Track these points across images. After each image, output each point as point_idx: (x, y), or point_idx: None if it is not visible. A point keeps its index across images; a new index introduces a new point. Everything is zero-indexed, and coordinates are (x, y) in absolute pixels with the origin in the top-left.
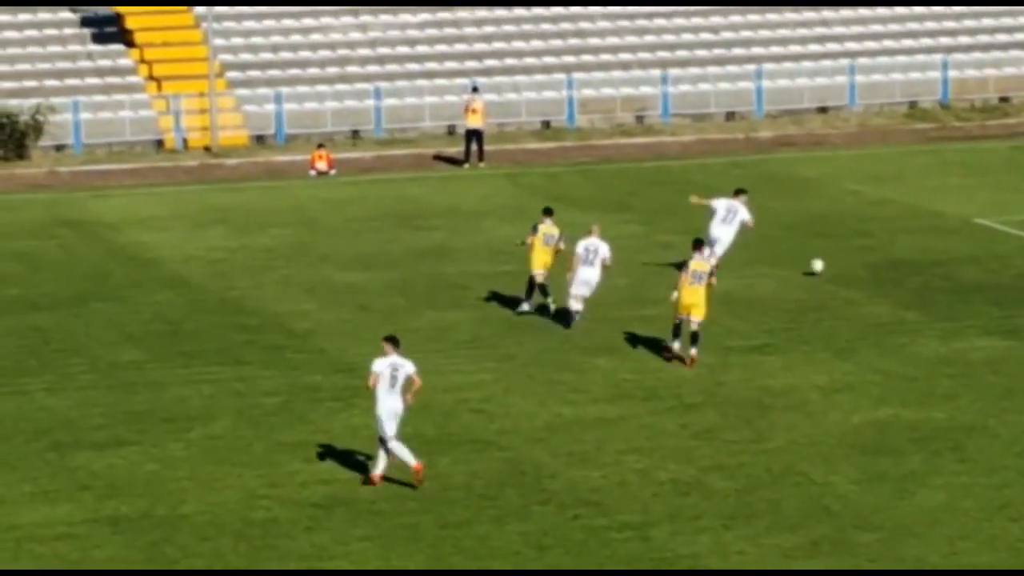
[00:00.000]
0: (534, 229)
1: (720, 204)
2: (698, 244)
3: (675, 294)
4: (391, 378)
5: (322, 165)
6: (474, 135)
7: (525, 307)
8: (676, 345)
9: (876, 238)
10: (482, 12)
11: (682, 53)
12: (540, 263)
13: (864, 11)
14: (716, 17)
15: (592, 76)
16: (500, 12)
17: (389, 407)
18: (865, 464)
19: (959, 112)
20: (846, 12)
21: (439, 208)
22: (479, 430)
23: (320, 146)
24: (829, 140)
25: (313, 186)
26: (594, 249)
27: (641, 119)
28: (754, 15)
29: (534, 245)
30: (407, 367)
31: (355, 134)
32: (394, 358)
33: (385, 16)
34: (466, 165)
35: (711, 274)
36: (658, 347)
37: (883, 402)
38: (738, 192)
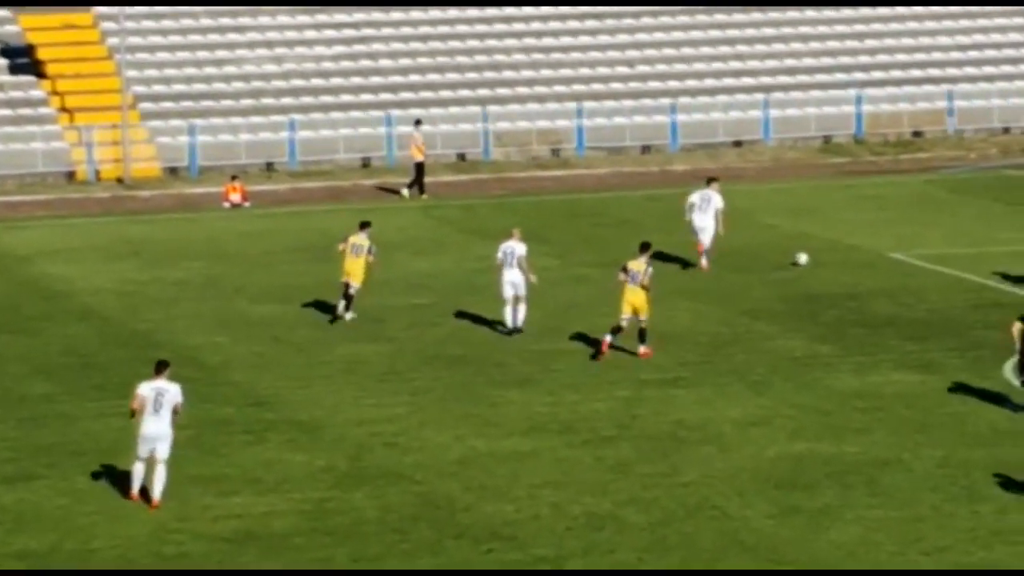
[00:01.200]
0: (345, 239)
1: (695, 196)
2: (643, 247)
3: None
4: (155, 402)
5: (236, 197)
6: (419, 168)
7: (346, 315)
8: (609, 338)
9: (791, 272)
10: (397, 45)
11: (597, 86)
12: (349, 272)
13: (779, 46)
14: (632, 51)
15: (508, 109)
16: (415, 45)
17: (153, 430)
18: (779, 498)
19: (873, 146)
20: (760, 47)
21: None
22: (393, 463)
23: (234, 178)
24: (744, 174)
25: (227, 218)
26: (511, 251)
27: (556, 152)
28: (669, 49)
29: (344, 254)
30: (172, 391)
31: (269, 166)
32: (159, 382)
33: (300, 48)
34: (404, 192)
35: (646, 274)
36: (574, 380)
37: (797, 436)
38: (711, 180)
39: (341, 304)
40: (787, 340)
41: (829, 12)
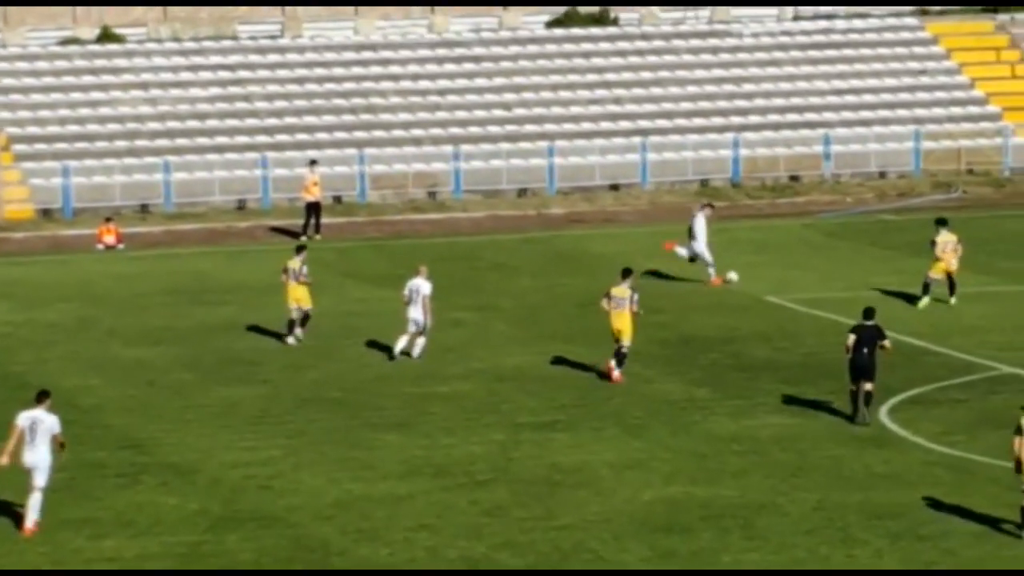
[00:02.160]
0: (284, 269)
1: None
2: (625, 273)
3: None
4: (30, 431)
5: (110, 239)
6: (313, 208)
7: (289, 340)
8: (614, 363)
9: (669, 315)
10: (273, 87)
11: (474, 129)
12: (293, 298)
13: (656, 90)
14: (508, 93)
15: (384, 152)
16: (292, 87)
17: (30, 460)
18: (655, 541)
19: (750, 190)
20: (638, 91)
21: (229, 283)
22: (267, 506)
23: (108, 220)
24: (621, 217)
25: (101, 261)
26: (416, 289)
27: (433, 195)
28: (546, 92)
29: (287, 283)
30: (48, 421)
31: (144, 208)
32: (37, 412)
33: (175, 89)
34: (303, 237)
35: (632, 300)
36: (450, 424)
37: (673, 479)
38: (704, 206)
39: (298, 331)
40: (664, 384)
41: (706, 56)
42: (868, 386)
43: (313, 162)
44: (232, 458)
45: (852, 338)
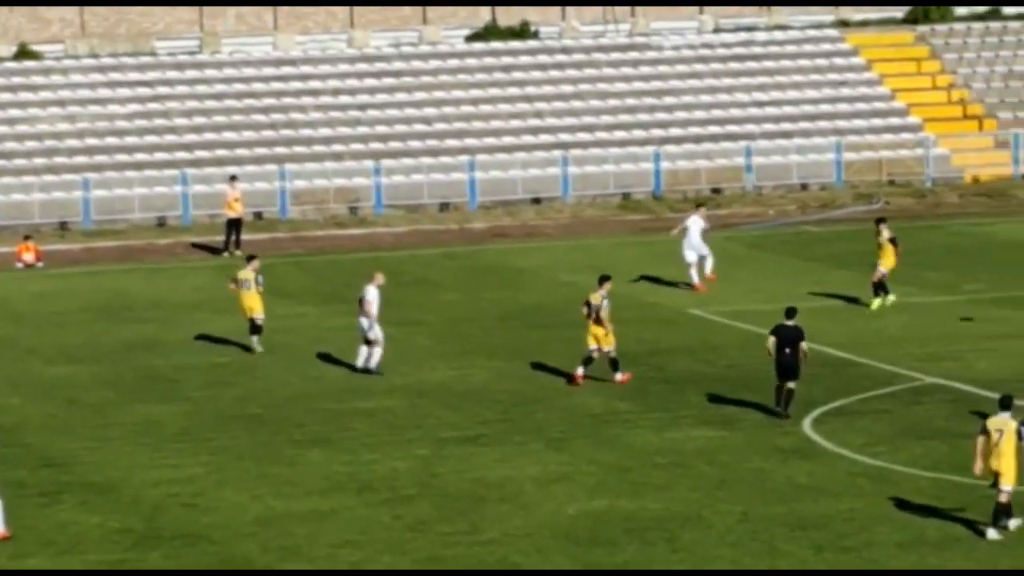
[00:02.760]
0: (234, 279)
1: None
2: (601, 280)
3: None
4: None
5: (29, 257)
6: (235, 224)
7: (257, 348)
8: (580, 371)
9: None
10: (192, 103)
11: (395, 144)
12: (247, 307)
13: (577, 103)
14: (429, 108)
15: (305, 167)
16: (210, 103)
17: None
18: (579, 555)
19: (672, 203)
20: (559, 104)
21: (149, 300)
22: (190, 524)
23: (27, 238)
24: (542, 231)
25: (19, 279)
26: (362, 295)
27: (354, 210)
28: (467, 106)
29: (238, 292)
30: None
31: (63, 226)
32: None
33: (94, 106)
34: (225, 254)
35: (602, 307)
36: (373, 439)
37: (597, 493)
38: (698, 205)
39: (254, 339)
40: (587, 397)
41: (627, 69)
42: (791, 384)
43: (233, 178)
44: (154, 476)
45: (772, 340)
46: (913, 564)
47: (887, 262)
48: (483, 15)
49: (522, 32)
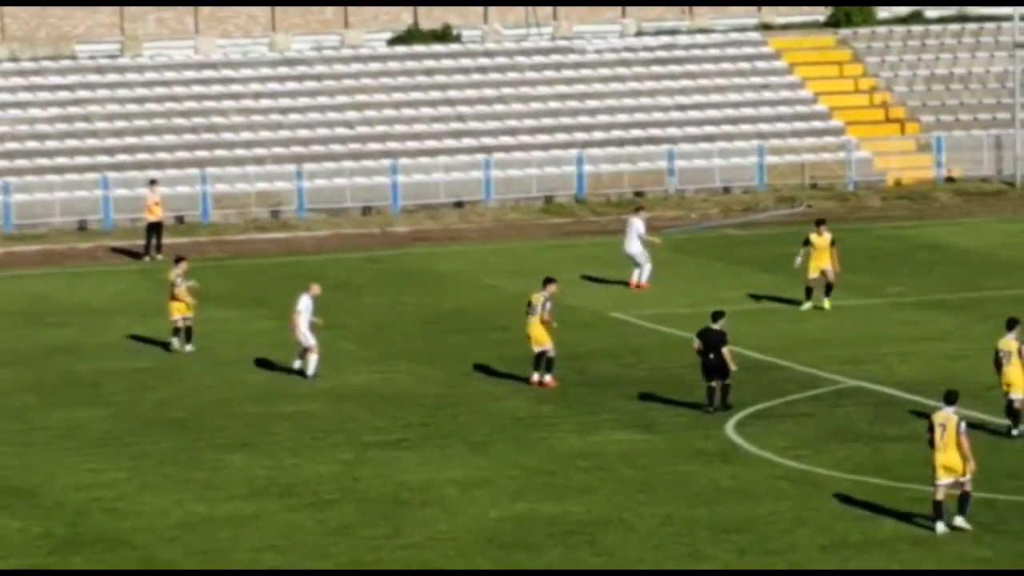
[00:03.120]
0: (172, 282)
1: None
2: (545, 281)
3: None
4: None
5: None
6: (155, 228)
7: (181, 347)
8: (535, 376)
9: (514, 332)
10: (113, 107)
11: (317, 148)
12: (177, 309)
13: (499, 106)
14: (351, 112)
15: (226, 171)
16: (131, 107)
17: None
18: (502, 559)
19: (594, 206)
20: (481, 107)
21: (70, 305)
22: (111, 529)
23: None
24: (465, 235)
25: None
26: (296, 306)
27: (276, 214)
28: (389, 109)
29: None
30: None
31: None
32: None
33: (14, 110)
34: (146, 258)
35: (543, 308)
36: (296, 443)
37: (520, 496)
38: (637, 209)
39: (187, 345)
40: (510, 401)
41: (549, 73)
42: (723, 382)
43: (153, 182)
44: (76, 480)
45: (697, 342)
46: (836, 567)
47: (818, 264)
48: (405, 18)
49: (444, 35)
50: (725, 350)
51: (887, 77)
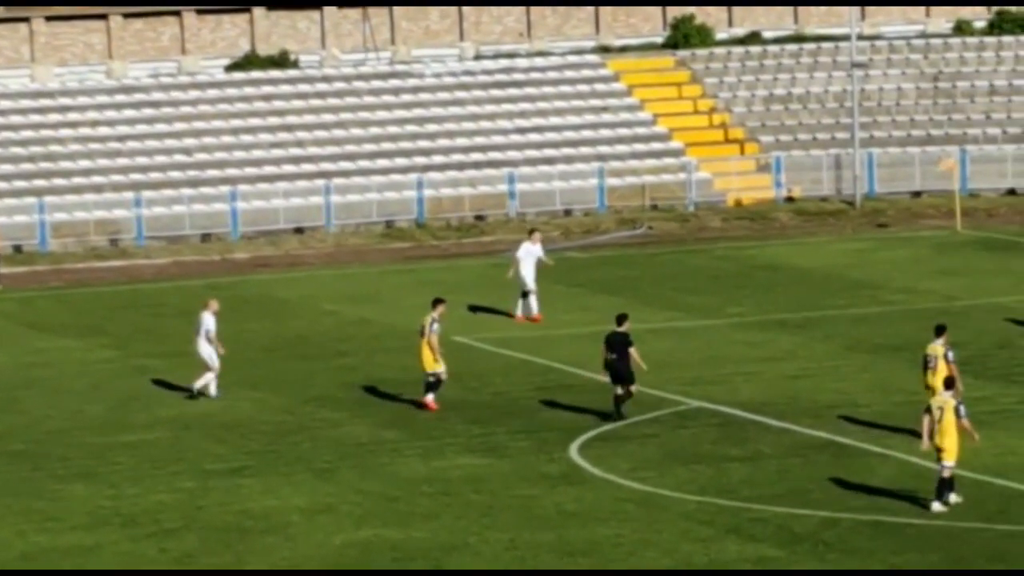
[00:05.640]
0: None
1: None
2: (434, 302)
3: None
4: None
5: None
6: None
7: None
8: (429, 397)
9: (355, 358)
10: None
11: (156, 175)
12: None
13: (338, 131)
14: (189, 139)
15: (64, 199)
16: None
17: None
18: None
19: (435, 231)
20: (320, 133)
21: None
22: None
23: None
24: (306, 261)
25: None
26: (199, 323)
27: (115, 242)
28: (228, 136)
29: None
30: None
31: None
32: None
33: None
34: None
35: (431, 329)
36: (137, 473)
37: (364, 522)
38: (531, 232)
39: None
40: (352, 426)
41: (388, 97)
42: (620, 391)
43: None
44: None
45: (604, 346)
46: None
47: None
48: (242, 44)
49: (282, 61)
50: (632, 351)
51: (726, 98)
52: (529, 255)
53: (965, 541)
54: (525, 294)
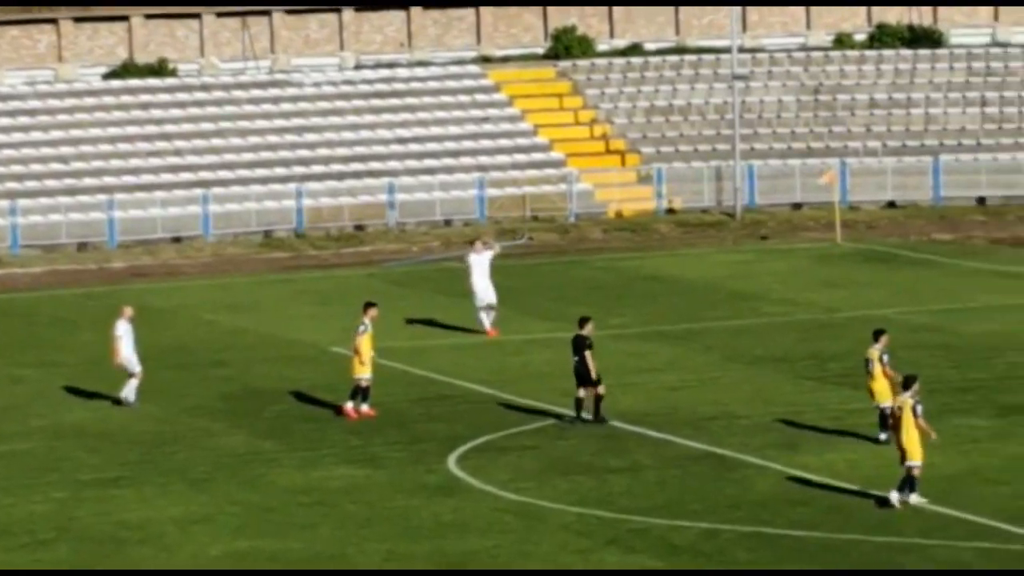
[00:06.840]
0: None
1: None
2: (365, 306)
3: None
4: None
5: None
6: None
7: None
8: (349, 405)
9: (232, 368)
10: None
11: (31, 183)
12: None
13: (217, 140)
14: (66, 147)
15: None
16: None
17: None
18: None
19: (314, 241)
20: (198, 142)
21: None
22: None
23: None
24: (183, 270)
25: None
26: (115, 332)
27: None
28: (105, 145)
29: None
30: None
31: None
32: None
33: None
34: None
35: (355, 333)
36: (9, 483)
37: (241, 533)
38: (472, 242)
39: None
40: (229, 437)
41: (267, 106)
42: (586, 391)
43: None
44: None
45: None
46: None
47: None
48: (120, 52)
49: (160, 70)
50: (587, 354)
51: (607, 109)
52: (477, 266)
53: (845, 553)
54: (484, 308)
